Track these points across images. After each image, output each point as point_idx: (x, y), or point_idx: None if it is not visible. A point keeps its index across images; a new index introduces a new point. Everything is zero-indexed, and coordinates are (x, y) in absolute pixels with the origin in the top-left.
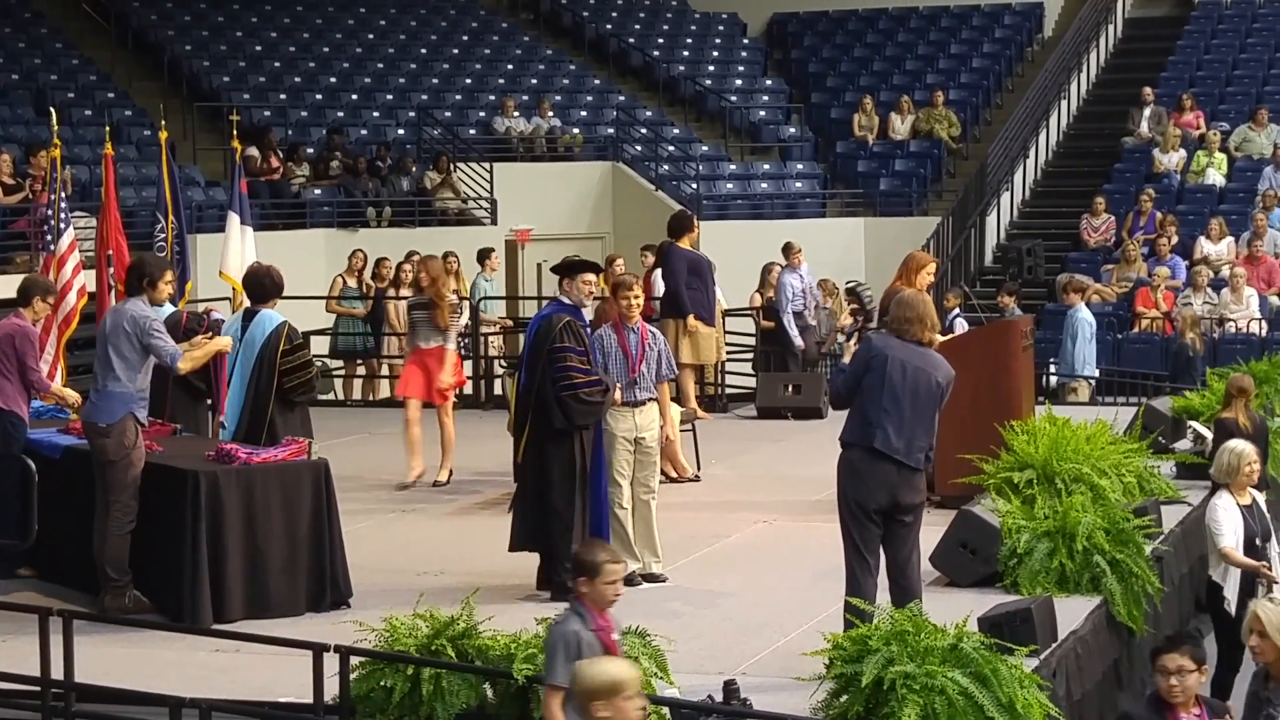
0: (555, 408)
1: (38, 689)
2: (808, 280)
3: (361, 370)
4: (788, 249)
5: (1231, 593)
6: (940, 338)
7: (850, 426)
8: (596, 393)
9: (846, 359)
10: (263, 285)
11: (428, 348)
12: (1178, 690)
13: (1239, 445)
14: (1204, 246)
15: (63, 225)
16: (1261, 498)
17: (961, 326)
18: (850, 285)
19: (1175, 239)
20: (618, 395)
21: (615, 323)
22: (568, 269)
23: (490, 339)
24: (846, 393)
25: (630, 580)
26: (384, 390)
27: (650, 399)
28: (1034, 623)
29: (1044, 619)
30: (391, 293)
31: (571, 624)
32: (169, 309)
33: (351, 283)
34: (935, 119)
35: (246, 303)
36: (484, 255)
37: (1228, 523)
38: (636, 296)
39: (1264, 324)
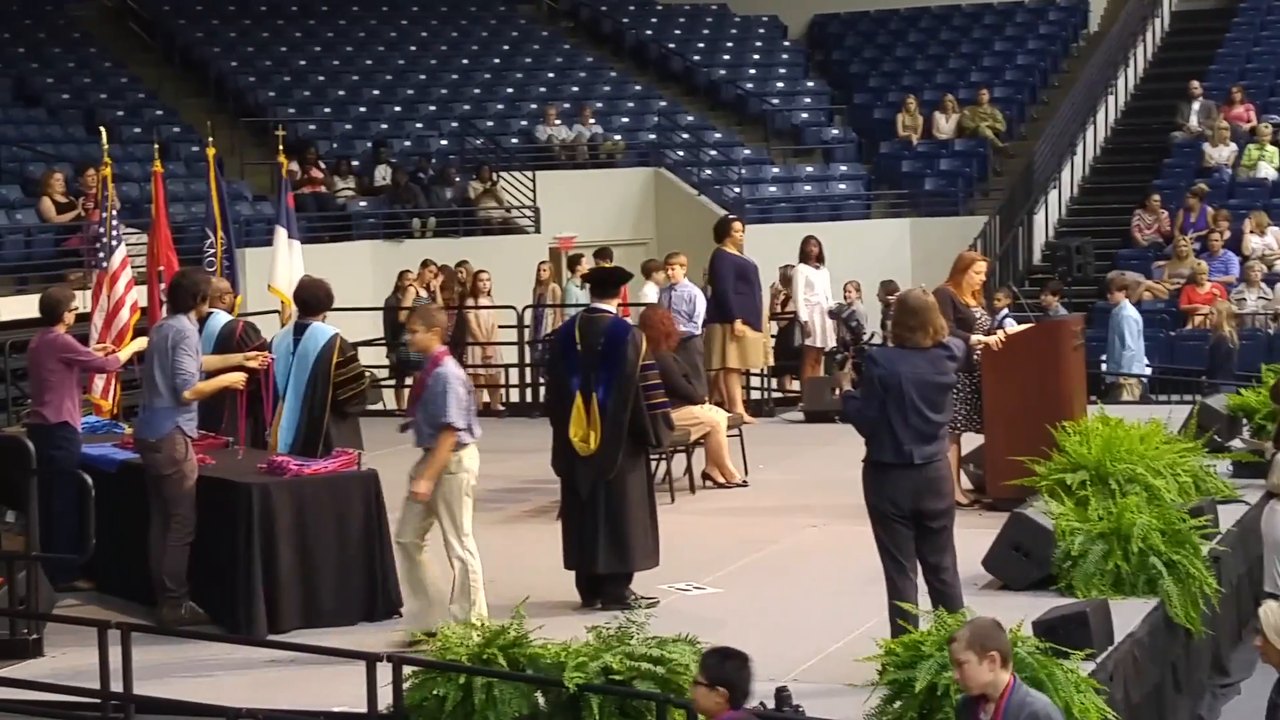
0: (651, 426)
1: (97, 701)
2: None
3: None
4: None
5: None
6: (987, 338)
7: (880, 448)
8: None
9: (846, 384)
10: (316, 298)
11: None
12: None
13: None
14: (1251, 242)
15: (114, 242)
16: None
17: (1011, 325)
18: (832, 309)
19: (1227, 234)
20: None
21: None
22: (606, 281)
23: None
24: (872, 424)
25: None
26: None
27: (425, 448)
28: (1090, 626)
29: (1100, 622)
30: (470, 302)
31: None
32: (224, 318)
33: (423, 294)
34: (980, 117)
35: (295, 316)
36: (574, 262)
37: None
38: (413, 331)
39: None
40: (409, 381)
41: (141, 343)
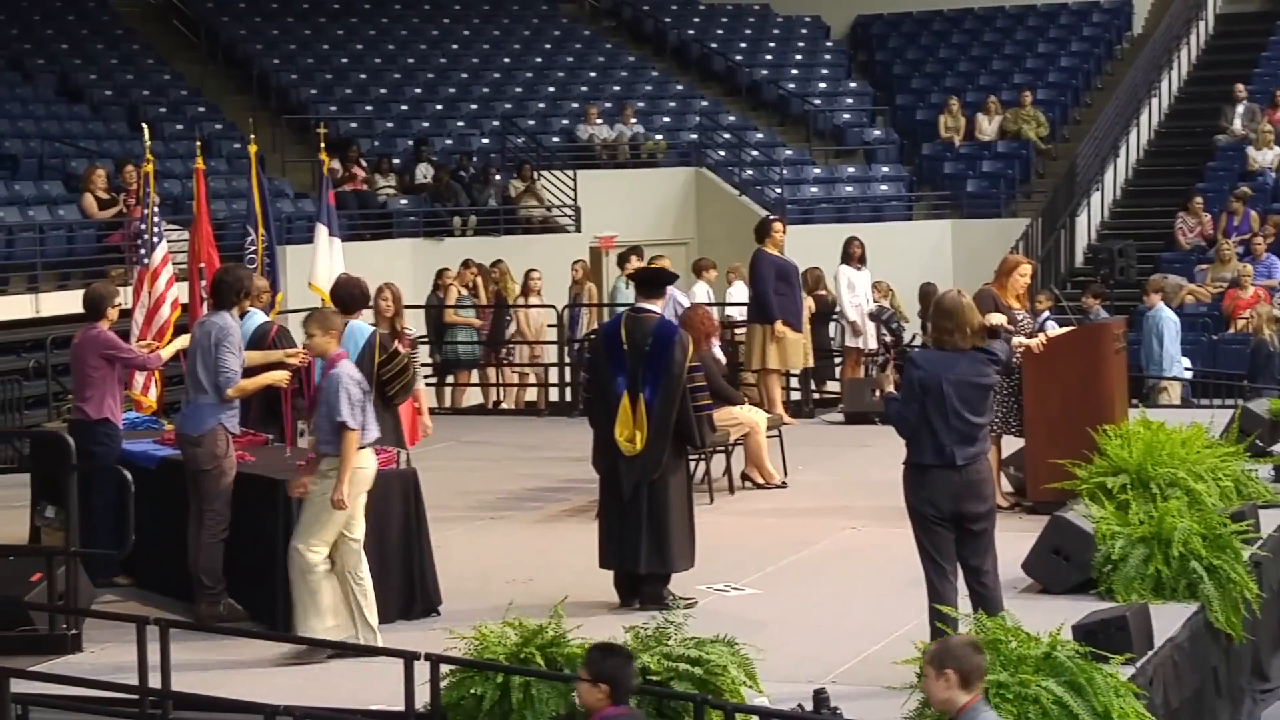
0: (696, 428)
1: (135, 697)
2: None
3: (475, 378)
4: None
5: None
6: (1029, 341)
7: (920, 450)
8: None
9: (888, 386)
10: (352, 296)
11: None
12: None
13: None
14: None
15: (155, 239)
16: None
17: (1053, 328)
18: (873, 310)
19: (1271, 237)
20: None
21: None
22: (653, 281)
23: None
24: (913, 426)
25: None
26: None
27: (325, 455)
28: (1130, 630)
29: (1140, 626)
30: (521, 301)
31: None
32: (260, 318)
33: (464, 292)
34: (1023, 119)
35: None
36: (624, 259)
37: None
38: (310, 335)
39: None
40: (450, 380)
41: (184, 341)
